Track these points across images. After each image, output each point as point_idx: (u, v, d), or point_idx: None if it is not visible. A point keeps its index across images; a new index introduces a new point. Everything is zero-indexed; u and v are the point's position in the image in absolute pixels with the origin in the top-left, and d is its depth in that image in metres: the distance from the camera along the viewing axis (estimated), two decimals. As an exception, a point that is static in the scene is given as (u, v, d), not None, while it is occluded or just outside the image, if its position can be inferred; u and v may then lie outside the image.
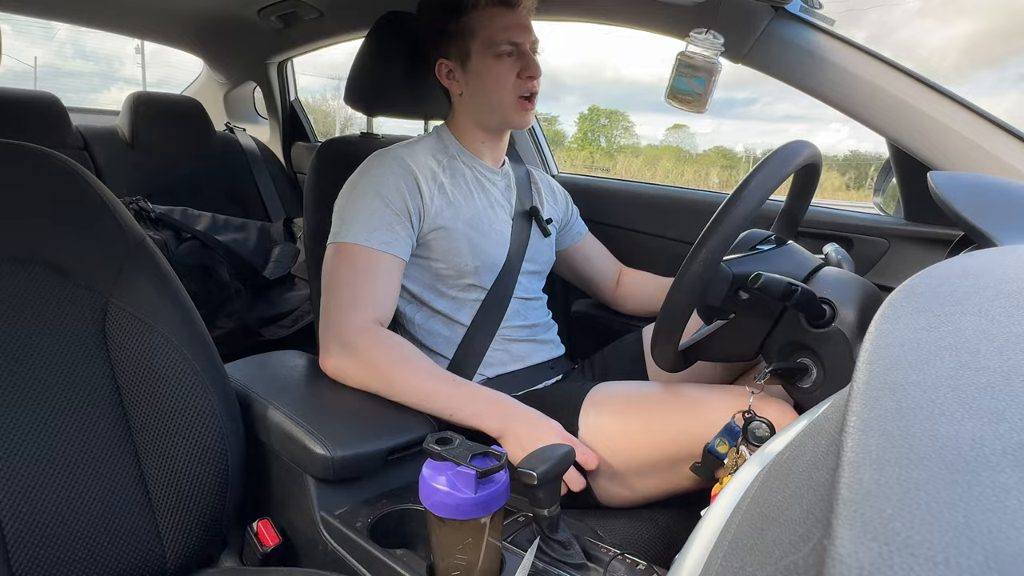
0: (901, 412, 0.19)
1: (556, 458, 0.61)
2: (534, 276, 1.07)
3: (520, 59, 0.95)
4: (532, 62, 0.95)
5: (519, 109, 0.96)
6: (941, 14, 34.09)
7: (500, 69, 0.94)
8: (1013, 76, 29.85)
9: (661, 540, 0.80)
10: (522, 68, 0.95)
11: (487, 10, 0.93)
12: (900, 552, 0.14)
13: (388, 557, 0.62)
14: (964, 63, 28.03)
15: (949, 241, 0.81)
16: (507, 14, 0.94)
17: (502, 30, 0.93)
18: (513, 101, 0.96)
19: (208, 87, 2.38)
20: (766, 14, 0.94)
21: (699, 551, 0.28)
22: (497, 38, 0.93)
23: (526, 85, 0.95)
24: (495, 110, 0.97)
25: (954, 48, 30.30)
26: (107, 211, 0.73)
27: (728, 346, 0.79)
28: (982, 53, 29.41)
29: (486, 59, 0.94)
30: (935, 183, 0.60)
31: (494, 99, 0.96)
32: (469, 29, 0.94)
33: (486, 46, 0.94)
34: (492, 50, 0.94)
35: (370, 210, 0.89)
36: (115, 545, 0.65)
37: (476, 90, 0.97)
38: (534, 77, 0.95)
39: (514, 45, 0.94)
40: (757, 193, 0.68)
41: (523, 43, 0.95)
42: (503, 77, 0.94)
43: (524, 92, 0.95)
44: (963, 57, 29.76)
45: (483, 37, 0.94)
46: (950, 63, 22.92)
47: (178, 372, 0.70)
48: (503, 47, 0.93)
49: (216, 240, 1.65)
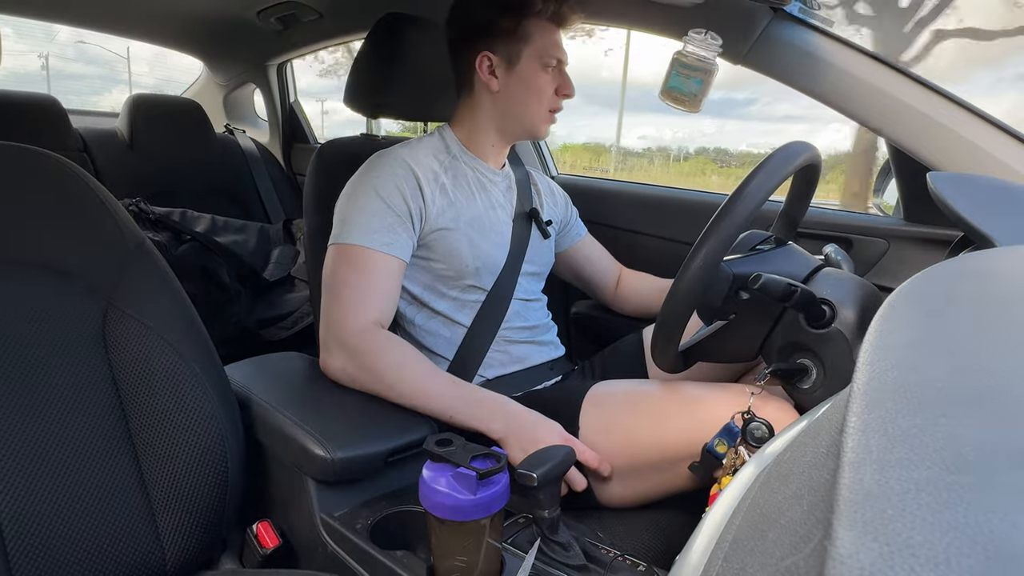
0: (901, 413, 0.19)
1: (556, 459, 0.61)
2: (534, 277, 1.07)
3: (561, 76, 0.98)
4: (569, 81, 0.99)
5: (546, 121, 1.00)
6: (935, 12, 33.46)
7: (544, 80, 0.97)
8: (1011, 76, 29.63)
9: (661, 541, 0.80)
10: (561, 84, 0.98)
11: (543, 22, 0.96)
12: (901, 553, 0.14)
13: (388, 559, 0.62)
14: (960, 62, 27.91)
15: (948, 242, 0.81)
16: (556, 31, 0.98)
17: (553, 44, 0.97)
18: (546, 113, 0.99)
19: (207, 89, 2.38)
20: (765, 15, 0.95)
21: (699, 552, 0.28)
22: (549, 50, 0.96)
23: (558, 101, 0.99)
24: (526, 116, 0.99)
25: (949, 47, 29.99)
26: (106, 213, 0.73)
27: (728, 347, 0.79)
28: (978, 52, 29.24)
29: (535, 66, 0.96)
30: (934, 184, 0.60)
31: (531, 106, 0.98)
32: (526, 33, 0.96)
33: (538, 55, 0.96)
34: (543, 60, 0.96)
35: (371, 211, 0.89)
36: (114, 547, 0.65)
37: (515, 93, 0.98)
38: (569, 96, 1.00)
39: (559, 61, 0.98)
40: (757, 194, 0.68)
41: (564, 61, 0.99)
42: (544, 88, 0.97)
43: (555, 106, 0.99)
44: (959, 56, 29.48)
45: (538, 45, 0.96)
46: (945, 63, 22.87)
47: (177, 374, 0.70)
48: (551, 59, 0.97)
49: (216, 242, 1.65)
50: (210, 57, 2.26)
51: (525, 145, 1.63)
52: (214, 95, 2.36)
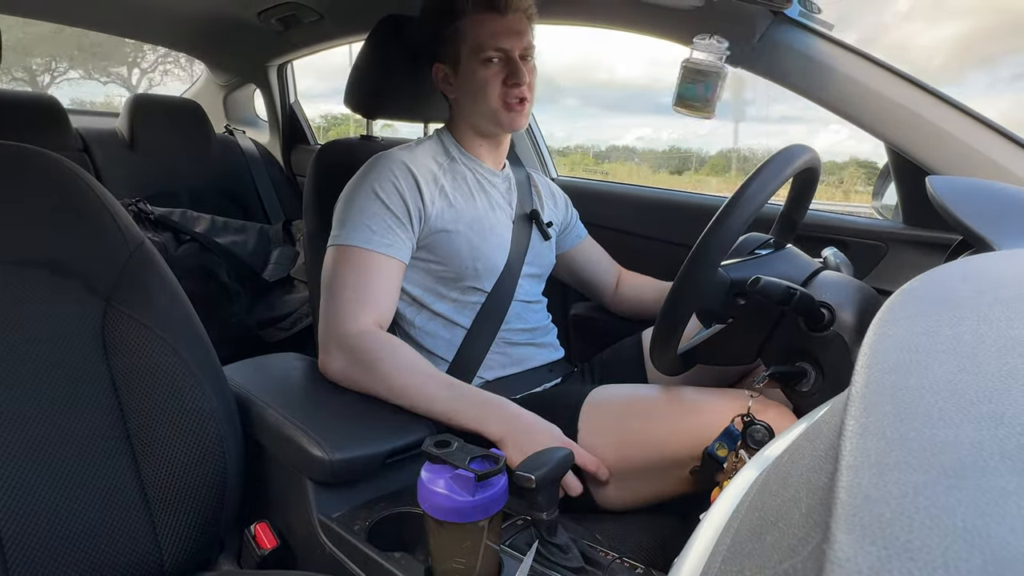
0: (900, 416, 0.20)
1: (554, 461, 0.61)
2: (534, 279, 1.07)
3: (506, 66, 0.95)
4: (517, 69, 0.94)
5: (506, 111, 0.96)
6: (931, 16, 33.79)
7: (486, 75, 0.94)
8: (1007, 76, 29.77)
9: (660, 544, 0.80)
10: (507, 75, 0.94)
11: (477, 16, 0.94)
12: (899, 556, 0.14)
13: (386, 560, 0.62)
14: (954, 64, 28.07)
15: (947, 245, 0.81)
16: (497, 20, 0.94)
17: (490, 36, 0.94)
18: (500, 105, 0.95)
19: (208, 89, 2.38)
20: (765, 19, 0.95)
21: (697, 555, 0.28)
22: (485, 44, 0.93)
23: (511, 92, 0.95)
24: (483, 114, 0.98)
25: (944, 48, 30.15)
26: (106, 213, 0.73)
27: (727, 350, 0.79)
28: (973, 53, 29.37)
29: (473, 64, 0.95)
30: (933, 187, 0.61)
31: (481, 104, 0.96)
32: (460, 34, 0.95)
33: (474, 52, 0.94)
34: (479, 56, 0.94)
35: (371, 213, 0.89)
36: (112, 547, 0.65)
37: (465, 94, 0.98)
38: (519, 84, 0.94)
39: (501, 51, 0.94)
40: (756, 197, 0.68)
41: (511, 49, 0.94)
42: (488, 83, 0.94)
43: (510, 99, 0.95)
44: (953, 58, 29.65)
45: (472, 43, 0.94)
46: (938, 64, 22.84)
47: (176, 374, 0.70)
48: (489, 53, 0.94)
49: (215, 242, 1.65)
50: (210, 57, 2.26)
51: (525, 147, 1.63)
52: (214, 96, 2.36)
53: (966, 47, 9.44)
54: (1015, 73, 12.75)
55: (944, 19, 12.82)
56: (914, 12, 15.16)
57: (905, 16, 15.58)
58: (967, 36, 9.18)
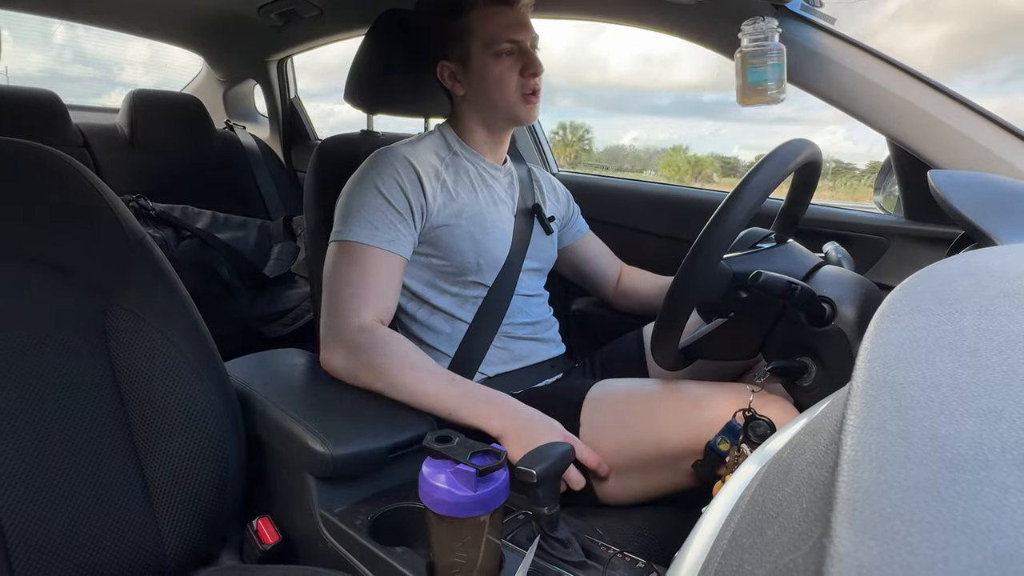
0: (900, 411, 0.19)
1: (555, 456, 0.61)
2: (535, 274, 1.07)
3: (521, 57, 0.95)
4: (533, 59, 0.95)
5: (524, 104, 0.97)
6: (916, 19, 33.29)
7: (501, 68, 0.94)
8: (997, 79, 29.03)
9: (660, 538, 0.80)
10: (524, 66, 0.95)
11: (486, 9, 0.94)
12: (899, 551, 0.14)
13: (388, 555, 0.62)
14: (939, 68, 27.52)
15: (949, 240, 0.81)
16: (506, 12, 0.94)
17: (501, 28, 0.93)
18: (518, 98, 0.96)
19: (208, 85, 2.37)
20: (767, 12, 0.94)
21: (698, 549, 0.28)
22: (497, 37, 0.93)
23: (528, 83, 0.95)
24: (500, 108, 0.97)
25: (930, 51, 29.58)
26: (107, 209, 0.73)
27: (728, 344, 0.79)
28: (960, 56, 28.92)
29: (487, 59, 0.94)
30: (935, 182, 0.60)
31: (497, 98, 0.96)
32: (469, 29, 0.94)
33: (486, 45, 0.94)
34: (492, 49, 0.94)
35: (372, 208, 0.89)
36: (115, 542, 0.65)
37: (479, 90, 0.97)
38: (536, 74, 0.96)
39: (514, 43, 0.94)
40: (757, 191, 0.68)
41: (523, 40, 0.95)
42: (505, 76, 0.95)
43: (527, 90, 0.96)
44: (939, 61, 28.98)
45: (483, 37, 0.94)
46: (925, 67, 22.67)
47: (178, 370, 0.70)
48: (503, 45, 0.94)
49: (216, 238, 1.65)
50: (210, 53, 2.25)
51: (525, 142, 1.63)
52: (214, 91, 2.36)
53: (953, 50, 9.49)
54: (1004, 76, 12.69)
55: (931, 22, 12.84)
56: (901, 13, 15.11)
57: (892, 17, 15.54)
58: (954, 38, 9.24)
